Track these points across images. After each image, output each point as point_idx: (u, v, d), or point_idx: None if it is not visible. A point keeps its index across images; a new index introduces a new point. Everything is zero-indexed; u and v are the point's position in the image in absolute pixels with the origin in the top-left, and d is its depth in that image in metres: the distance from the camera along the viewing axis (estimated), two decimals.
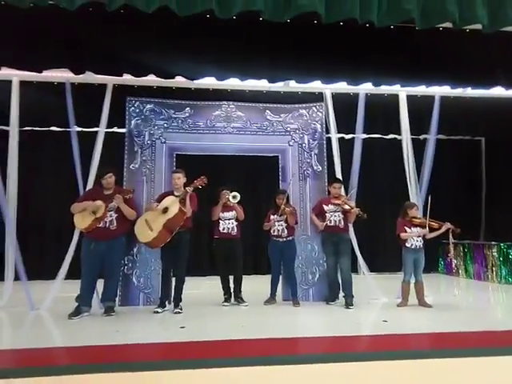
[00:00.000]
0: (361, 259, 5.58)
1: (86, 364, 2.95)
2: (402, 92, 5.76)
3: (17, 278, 4.99)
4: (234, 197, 5.10)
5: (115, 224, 4.56)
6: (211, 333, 3.77)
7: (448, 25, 4.27)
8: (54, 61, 4.46)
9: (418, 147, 5.96)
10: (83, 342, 3.50)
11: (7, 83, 5.13)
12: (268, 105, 5.74)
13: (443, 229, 4.99)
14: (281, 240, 5.17)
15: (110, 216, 4.55)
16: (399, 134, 6.09)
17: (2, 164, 5.02)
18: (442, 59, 4.88)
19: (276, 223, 5.18)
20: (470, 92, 5.97)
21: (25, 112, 5.33)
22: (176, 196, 4.71)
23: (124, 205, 4.57)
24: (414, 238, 4.99)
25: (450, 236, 5.06)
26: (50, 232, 7.52)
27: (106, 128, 5.42)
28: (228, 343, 3.41)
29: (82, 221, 4.48)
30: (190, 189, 4.67)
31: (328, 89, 5.67)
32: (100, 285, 4.69)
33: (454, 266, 8.10)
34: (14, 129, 5.13)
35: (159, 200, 4.79)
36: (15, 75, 5.06)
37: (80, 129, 5.54)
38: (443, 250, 8.30)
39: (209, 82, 5.19)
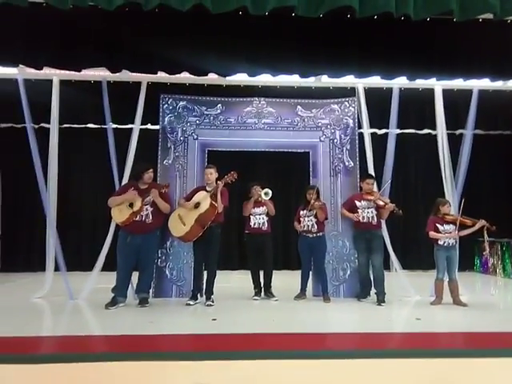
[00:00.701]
0: (393, 256, 5.49)
1: (122, 352, 3.05)
2: (438, 86, 5.59)
3: (57, 268, 5.21)
4: (266, 193, 5.13)
5: (151, 218, 4.68)
6: (242, 326, 3.83)
7: (487, 15, 4.13)
8: (92, 60, 4.59)
9: (454, 143, 5.79)
10: (119, 331, 3.63)
11: (48, 82, 5.35)
12: (299, 100, 5.71)
13: (477, 226, 4.83)
14: (310, 236, 5.16)
15: (146, 210, 4.66)
16: (434, 129, 5.94)
17: (43, 160, 5.24)
18: (480, 51, 4.71)
19: (306, 218, 5.17)
20: (510, 85, 5.74)
21: (64, 110, 5.54)
22: (207, 191, 4.78)
23: (159, 199, 4.67)
24: (445, 234, 4.86)
25: (485, 233, 4.90)
26: (87, 225, 7.81)
27: (141, 125, 5.57)
28: (258, 336, 3.45)
29: (119, 214, 4.62)
30: (220, 184, 4.73)
31: (360, 83, 5.58)
32: (135, 277, 4.84)
33: (490, 264, 7.84)
34: (54, 126, 5.33)
35: (191, 195, 4.87)
36: (55, 75, 5.25)
37: (116, 126, 5.71)
38: (479, 247, 8.04)
39: (240, 78, 5.21)
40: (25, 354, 2.98)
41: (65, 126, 6.47)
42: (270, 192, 5.14)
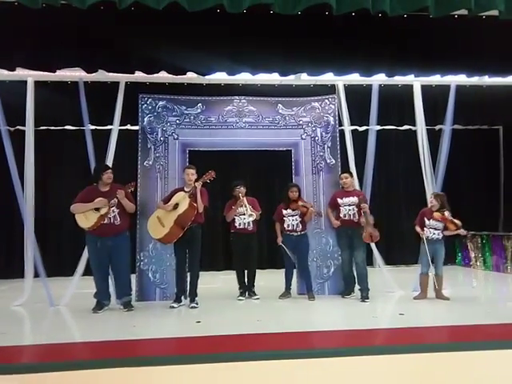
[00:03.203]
0: (376, 252, 5.54)
1: (105, 358, 2.99)
2: (417, 82, 5.65)
3: (36, 275, 5.09)
4: (250, 215, 5.00)
5: (119, 219, 4.59)
6: (227, 327, 3.79)
7: (463, 11, 4.17)
8: (66, 60, 4.48)
9: (434, 138, 5.86)
10: (102, 336, 3.56)
11: (22, 84, 5.21)
12: (280, 98, 5.70)
13: (457, 232, 4.92)
14: (295, 234, 5.16)
15: (113, 212, 4.56)
16: (414, 125, 6.00)
17: (19, 163, 5.10)
18: (457, 47, 4.76)
19: (290, 218, 5.17)
20: (486, 80, 5.82)
21: (40, 112, 5.41)
22: (186, 192, 4.73)
23: (125, 199, 4.59)
24: (430, 229, 4.91)
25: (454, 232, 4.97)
26: (66, 230, 7.60)
27: (120, 126, 5.47)
28: (244, 337, 3.43)
29: (86, 219, 4.47)
30: (198, 184, 4.68)
31: (340, 81, 5.61)
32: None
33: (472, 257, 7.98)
34: (29, 128, 5.20)
35: (170, 196, 4.81)
36: (30, 75, 5.12)
37: (94, 127, 5.60)
38: (460, 242, 8.19)
39: (220, 77, 5.17)
40: (5, 363, 2.89)
41: (42, 128, 6.34)
42: (254, 214, 5.01)
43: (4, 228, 7.64)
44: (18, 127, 6.00)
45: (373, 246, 5.44)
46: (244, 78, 5.35)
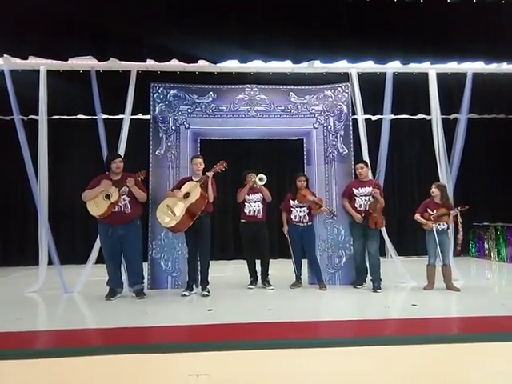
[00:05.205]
0: (389, 243, 5.49)
1: (117, 345, 3.02)
2: (432, 70, 5.54)
3: (50, 262, 5.16)
4: (260, 179, 5.07)
5: (129, 207, 4.60)
6: (238, 315, 3.81)
7: None
8: (78, 48, 4.49)
9: (449, 127, 5.76)
10: (115, 323, 3.60)
11: (34, 73, 5.23)
12: (292, 87, 5.62)
13: (452, 212, 4.81)
14: (301, 225, 5.14)
15: (124, 200, 4.57)
16: (428, 114, 5.90)
17: (32, 153, 5.14)
18: (474, 33, 4.65)
19: (297, 209, 5.14)
20: (504, 68, 5.69)
21: (52, 101, 5.43)
22: (195, 181, 4.73)
23: (136, 187, 4.59)
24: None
25: (458, 217, 4.87)
26: (79, 218, 7.72)
27: (131, 115, 5.48)
28: (255, 326, 3.43)
29: (96, 207, 4.49)
30: (210, 174, 4.67)
31: (354, 68, 5.51)
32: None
33: (485, 248, 7.87)
34: (42, 117, 5.23)
35: (179, 186, 4.80)
36: (42, 64, 5.13)
37: (106, 116, 5.62)
38: (474, 233, 8.08)
39: (232, 65, 5.13)
40: (20, 349, 2.94)
41: (54, 117, 6.37)
42: (264, 177, 5.09)
43: (18, 216, 7.77)
44: (31, 116, 6.04)
45: (385, 236, 5.39)
46: (255, 65, 5.31)
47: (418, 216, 4.93)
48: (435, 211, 4.83)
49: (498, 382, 2.76)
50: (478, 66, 5.32)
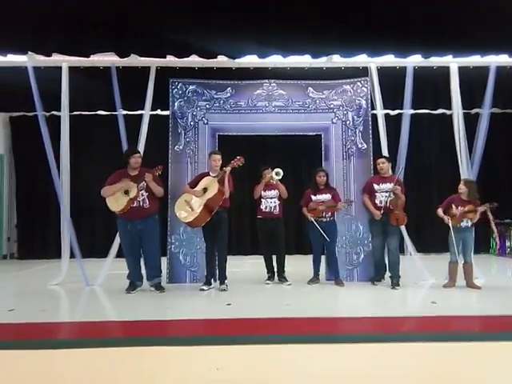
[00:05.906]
0: (408, 240, 5.42)
1: (138, 337, 3.08)
2: (454, 63, 5.42)
3: (72, 255, 5.28)
4: (277, 173, 5.07)
5: (148, 202, 4.65)
6: (256, 310, 3.83)
7: None
8: (99, 45, 4.54)
9: (470, 122, 5.63)
10: (135, 316, 3.66)
11: (56, 69, 5.32)
12: (310, 82, 5.59)
13: (480, 209, 4.72)
14: (324, 220, 5.10)
15: (142, 195, 4.63)
16: (449, 109, 5.78)
17: (54, 148, 5.24)
18: (498, 25, 4.52)
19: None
20: None
21: (73, 97, 5.51)
22: (213, 177, 4.75)
23: (153, 182, 4.63)
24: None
25: (489, 214, 4.78)
26: (100, 213, 7.81)
27: (151, 111, 5.53)
28: (273, 321, 3.45)
29: (115, 203, 4.56)
30: (227, 169, 4.70)
31: (373, 62, 5.45)
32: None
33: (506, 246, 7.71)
34: (64, 113, 5.32)
35: (197, 181, 4.83)
36: (64, 61, 5.22)
37: (126, 112, 5.68)
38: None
39: (250, 60, 5.12)
40: (43, 339, 3.03)
41: (75, 113, 6.47)
42: (281, 172, 5.08)
43: (42, 211, 7.94)
44: (53, 112, 6.15)
45: (404, 233, 5.33)
46: (273, 61, 5.28)
47: (439, 211, 4.87)
48: (460, 208, 4.76)
49: None
50: (502, 59, 5.18)
